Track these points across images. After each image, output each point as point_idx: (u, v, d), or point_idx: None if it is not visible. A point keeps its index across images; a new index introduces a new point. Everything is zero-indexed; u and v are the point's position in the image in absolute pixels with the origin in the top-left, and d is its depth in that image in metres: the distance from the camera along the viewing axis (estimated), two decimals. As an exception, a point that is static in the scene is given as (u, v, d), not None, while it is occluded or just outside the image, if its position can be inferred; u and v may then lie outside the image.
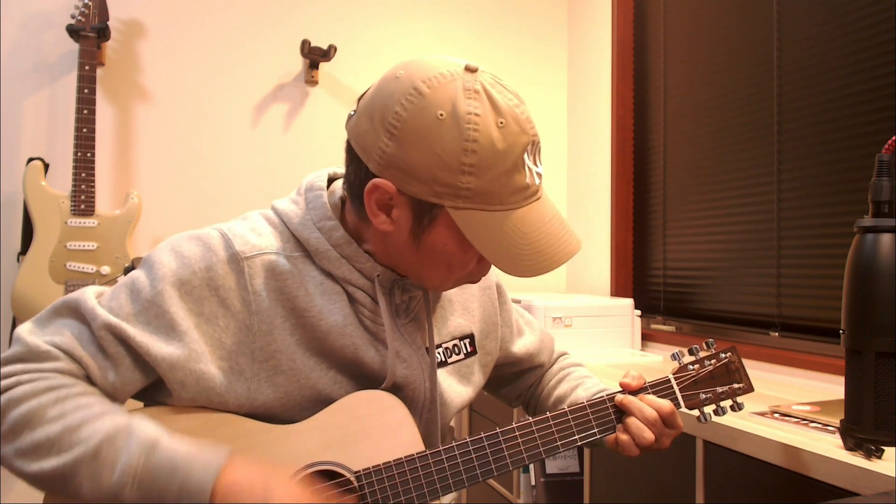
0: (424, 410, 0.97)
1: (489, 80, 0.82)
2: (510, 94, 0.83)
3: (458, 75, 0.81)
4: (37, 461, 0.75)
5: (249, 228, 0.90)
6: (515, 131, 0.81)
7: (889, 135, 1.57)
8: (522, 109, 0.83)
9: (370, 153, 0.82)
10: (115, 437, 0.76)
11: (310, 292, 0.88)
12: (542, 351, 1.17)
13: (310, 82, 2.63)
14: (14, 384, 0.78)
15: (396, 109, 0.80)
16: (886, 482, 0.96)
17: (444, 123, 0.79)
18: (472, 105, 0.79)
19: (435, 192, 0.80)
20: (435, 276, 0.89)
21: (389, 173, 0.81)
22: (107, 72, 2.40)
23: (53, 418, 0.76)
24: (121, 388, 0.83)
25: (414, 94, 0.80)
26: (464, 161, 0.79)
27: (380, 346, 0.91)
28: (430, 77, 0.81)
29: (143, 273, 0.86)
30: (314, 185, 0.93)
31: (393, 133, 0.80)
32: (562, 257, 0.84)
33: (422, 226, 0.84)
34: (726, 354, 1.04)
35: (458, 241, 0.84)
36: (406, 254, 0.87)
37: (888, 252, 0.99)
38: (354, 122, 0.86)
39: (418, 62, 0.84)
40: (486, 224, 0.81)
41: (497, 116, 0.80)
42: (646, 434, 0.94)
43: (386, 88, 0.83)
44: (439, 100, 0.79)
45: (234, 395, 0.85)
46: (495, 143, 0.79)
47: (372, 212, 0.84)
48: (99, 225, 2.20)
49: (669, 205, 2.39)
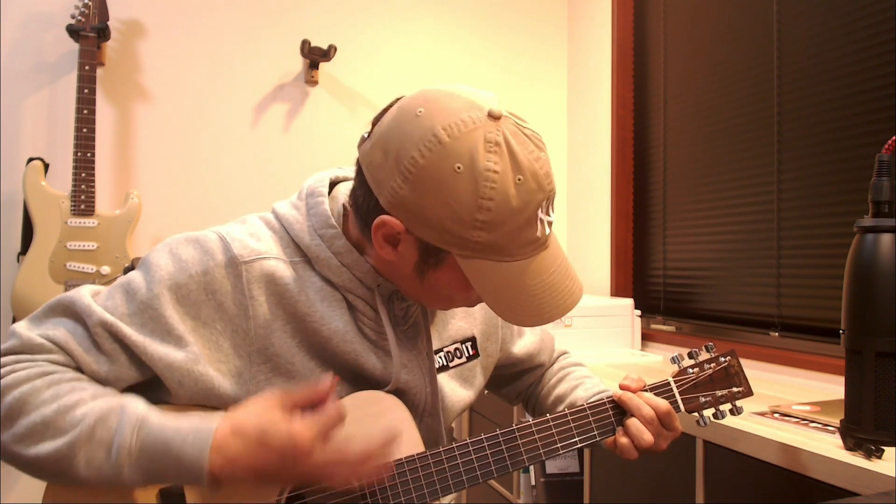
0: (426, 415, 0.97)
1: (511, 129, 0.79)
2: (531, 146, 0.80)
3: (481, 124, 0.78)
4: (34, 445, 0.75)
5: (248, 232, 0.89)
6: (532, 189, 0.79)
7: (889, 135, 1.57)
8: (542, 163, 0.80)
9: (382, 189, 0.81)
10: (108, 417, 0.76)
11: (311, 298, 0.87)
12: (542, 351, 1.17)
13: (310, 82, 2.63)
14: (7, 373, 0.79)
15: (413, 154, 0.78)
16: (886, 482, 0.96)
17: (460, 177, 0.77)
18: (491, 160, 0.77)
19: (444, 239, 0.80)
20: (434, 304, 0.91)
21: (399, 213, 0.80)
22: (107, 72, 2.40)
23: (47, 400, 0.77)
24: (114, 382, 0.83)
25: (433, 142, 0.77)
26: (477, 217, 0.78)
27: (380, 353, 0.91)
28: (450, 124, 0.77)
29: (140, 275, 0.86)
30: (315, 191, 0.92)
31: (407, 177, 0.78)
32: (562, 310, 0.85)
33: (427, 265, 0.84)
34: (726, 358, 1.04)
35: (462, 283, 0.84)
36: (408, 282, 0.88)
37: (888, 252, 0.98)
38: (368, 150, 0.83)
39: (440, 101, 0.80)
40: (492, 273, 0.81)
41: (516, 174, 0.78)
42: (645, 436, 0.94)
43: (404, 126, 0.79)
44: (458, 151, 0.77)
45: (232, 396, 0.85)
46: (511, 200, 0.78)
47: (378, 244, 0.83)
48: (99, 225, 2.20)
49: (669, 205, 2.39)
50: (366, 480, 0.81)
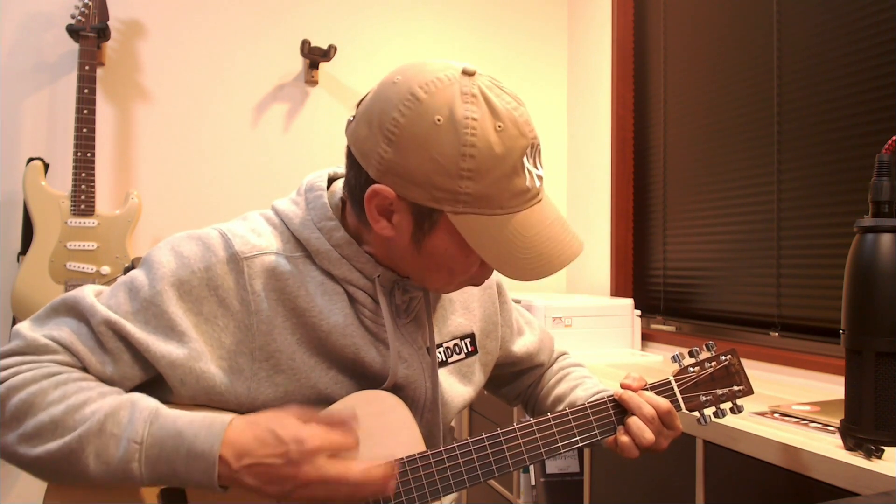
0: (426, 410, 0.97)
1: (487, 83, 0.82)
2: (508, 97, 0.82)
3: (455, 80, 0.81)
4: (41, 444, 0.76)
5: (249, 229, 0.90)
6: (514, 135, 0.80)
7: (889, 135, 1.57)
8: (521, 112, 0.82)
9: (369, 159, 0.82)
10: (119, 412, 0.77)
11: (310, 292, 0.88)
12: (541, 350, 1.18)
13: (310, 82, 2.63)
14: (13, 374, 0.79)
15: (394, 115, 0.80)
16: (886, 482, 0.96)
17: (441, 129, 0.79)
18: (469, 109, 0.79)
19: (434, 197, 0.80)
20: (437, 280, 0.89)
21: (388, 179, 0.81)
22: (107, 72, 2.41)
23: (55, 401, 0.77)
24: (119, 382, 0.83)
25: (411, 100, 0.80)
26: (462, 166, 0.79)
27: (380, 347, 0.91)
28: (427, 82, 0.80)
29: (143, 272, 0.86)
30: (314, 186, 0.93)
31: (391, 139, 0.80)
32: (563, 260, 0.84)
33: (422, 231, 0.84)
34: (726, 357, 1.04)
35: (460, 245, 0.84)
36: (408, 258, 0.87)
37: (888, 252, 0.99)
38: (354, 128, 0.86)
39: (416, 66, 0.83)
40: (487, 228, 0.81)
41: (495, 120, 0.80)
42: (646, 434, 0.94)
43: (384, 94, 0.82)
44: (436, 105, 0.79)
45: (234, 393, 0.85)
46: (493, 147, 0.79)
47: (372, 217, 0.84)
48: (99, 225, 2.20)
49: (669, 205, 2.39)
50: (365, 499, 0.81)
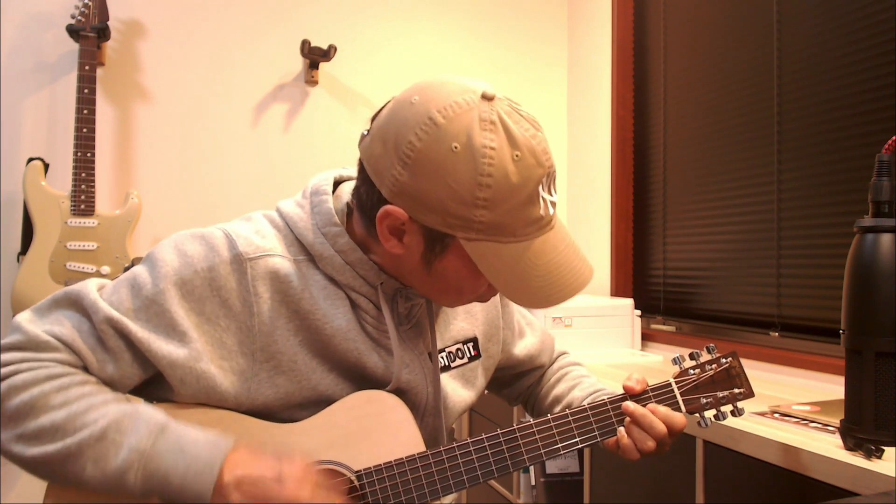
0: (427, 415, 0.97)
1: (506, 108, 0.80)
2: (527, 124, 0.81)
3: (474, 105, 0.79)
4: (39, 445, 0.75)
5: (254, 230, 0.90)
6: (531, 164, 0.79)
7: (889, 135, 1.57)
8: (539, 140, 0.81)
9: (383, 179, 0.81)
10: (122, 420, 0.77)
11: (314, 295, 0.88)
12: (542, 352, 1.18)
13: (310, 82, 2.63)
14: (13, 372, 0.78)
15: (410, 139, 0.78)
16: (886, 482, 0.96)
17: (458, 156, 0.77)
18: (487, 138, 0.77)
19: (447, 223, 0.80)
20: (445, 298, 0.90)
21: (401, 201, 0.80)
22: (107, 72, 2.40)
23: (57, 405, 0.77)
24: (119, 382, 0.83)
25: (429, 125, 0.78)
26: (477, 195, 0.78)
27: (382, 352, 0.91)
28: (445, 106, 0.78)
29: (146, 270, 0.86)
30: (320, 189, 0.92)
31: (406, 162, 0.79)
32: (574, 289, 0.84)
33: (433, 253, 0.83)
34: (727, 359, 1.04)
35: (470, 269, 0.83)
36: (416, 276, 0.87)
37: (888, 252, 0.99)
38: (368, 144, 0.84)
39: (434, 87, 0.81)
40: (498, 255, 0.81)
41: (512, 150, 0.78)
42: (648, 442, 0.94)
43: (400, 114, 0.80)
44: (454, 131, 0.77)
45: (234, 394, 0.85)
46: (510, 177, 0.78)
47: (383, 236, 0.84)
48: (99, 225, 2.20)
49: (669, 205, 2.39)
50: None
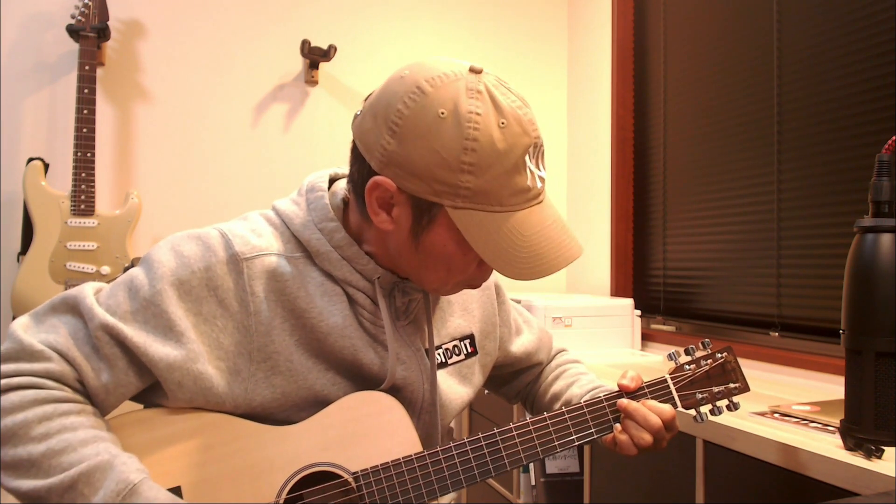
0: (423, 412, 0.96)
1: (493, 81, 0.82)
2: (514, 97, 0.83)
3: (462, 75, 0.81)
4: (15, 479, 0.75)
5: (250, 229, 0.90)
6: (517, 132, 0.80)
7: (889, 135, 1.57)
8: (525, 112, 0.82)
9: (372, 151, 0.83)
10: (93, 473, 0.75)
11: (310, 293, 0.87)
12: (540, 349, 1.17)
13: (310, 82, 2.63)
14: (3, 388, 0.78)
15: (399, 107, 0.80)
16: (886, 482, 0.96)
17: (444, 122, 0.79)
18: (473, 104, 0.79)
19: (434, 190, 0.80)
20: (434, 279, 0.89)
21: (390, 171, 0.81)
22: (107, 72, 2.41)
23: (37, 437, 0.76)
24: (114, 391, 0.82)
25: (416, 93, 0.80)
26: (463, 160, 0.79)
27: (379, 348, 0.91)
28: (433, 76, 0.81)
29: (143, 271, 0.86)
30: (315, 186, 0.93)
31: (394, 130, 0.80)
32: (561, 262, 0.84)
33: (421, 225, 0.84)
34: (722, 354, 1.04)
35: (458, 242, 0.83)
36: (406, 254, 0.87)
37: (888, 252, 0.98)
38: (359, 121, 0.86)
39: (424, 63, 0.84)
40: (485, 225, 0.81)
41: (499, 117, 0.80)
42: (644, 436, 0.94)
43: (390, 88, 0.83)
44: (441, 98, 0.79)
45: (231, 395, 0.85)
46: (496, 142, 0.79)
47: (373, 210, 0.84)
48: (99, 225, 2.20)
49: (669, 205, 2.39)
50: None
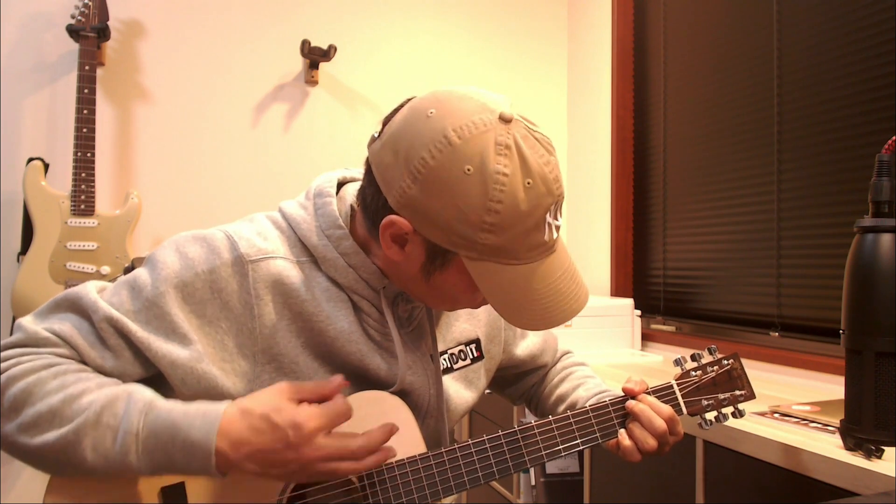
0: (429, 417, 0.97)
1: (522, 133, 0.79)
2: (542, 150, 0.80)
3: (491, 126, 0.78)
4: (40, 434, 0.76)
5: (256, 231, 0.89)
6: (542, 192, 0.79)
7: (889, 135, 1.58)
8: (552, 167, 0.80)
9: (391, 188, 0.81)
10: (115, 403, 0.77)
11: (317, 298, 0.87)
12: (545, 351, 1.17)
13: (310, 82, 2.63)
14: (13, 364, 0.79)
15: (423, 155, 0.78)
16: (886, 482, 0.96)
17: (470, 179, 0.77)
18: (501, 163, 0.77)
19: (451, 241, 0.80)
20: (439, 305, 0.90)
21: (408, 213, 0.80)
22: (107, 72, 2.40)
23: (53, 390, 0.77)
24: (119, 377, 0.83)
25: (443, 143, 0.77)
26: (485, 220, 0.77)
27: (385, 355, 0.91)
28: (461, 125, 0.77)
29: (146, 272, 0.86)
30: (324, 191, 0.92)
31: (417, 178, 0.78)
32: (568, 314, 0.85)
33: (434, 265, 0.83)
34: (729, 361, 1.04)
35: (468, 284, 0.83)
36: (414, 283, 0.87)
37: (888, 252, 0.99)
38: (378, 150, 0.83)
39: (452, 102, 0.80)
40: (498, 276, 0.81)
41: (525, 177, 0.78)
42: (649, 440, 0.94)
43: (415, 126, 0.79)
44: (469, 153, 0.76)
45: (235, 396, 0.85)
46: (520, 204, 0.77)
47: (385, 243, 0.83)
48: (99, 225, 2.20)
49: (669, 205, 2.39)
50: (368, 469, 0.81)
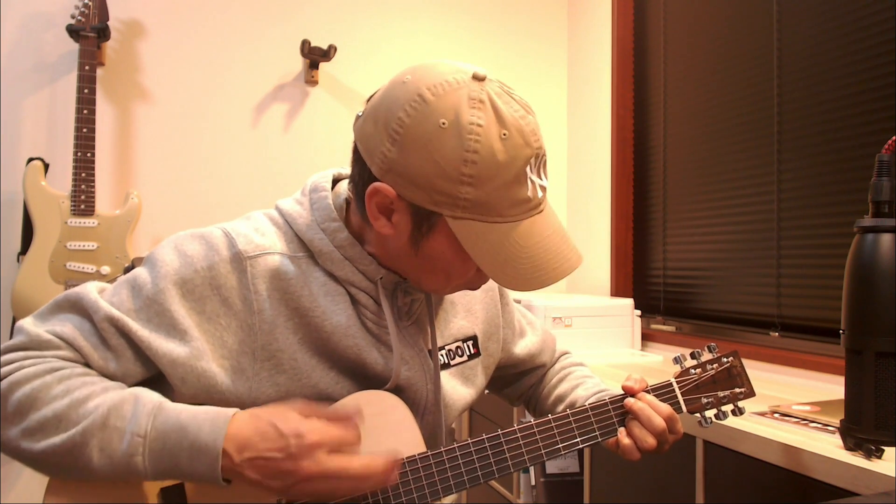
0: (427, 413, 0.97)
1: (496, 89, 0.81)
2: (517, 105, 0.81)
3: (464, 83, 0.80)
4: (45, 438, 0.76)
5: (253, 228, 0.90)
6: (518, 143, 0.80)
7: (889, 135, 1.58)
8: (528, 121, 0.81)
9: (373, 156, 0.82)
10: (122, 406, 0.77)
11: (313, 293, 0.88)
12: (543, 351, 1.18)
13: (310, 82, 2.63)
14: (16, 368, 0.79)
15: (400, 115, 0.80)
16: (886, 482, 0.96)
17: (445, 132, 0.78)
18: (475, 115, 0.78)
19: (434, 200, 0.80)
20: (433, 282, 0.89)
21: (390, 178, 0.81)
22: (107, 72, 2.40)
23: (58, 395, 0.77)
24: (121, 378, 0.83)
25: (418, 101, 0.79)
26: (463, 171, 0.78)
27: (382, 349, 0.91)
28: (435, 84, 0.80)
29: (146, 270, 0.86)
30: (318, 186, 0.93)
31: (395, 139, 0.80)
32: (560, 273, 0.84)
33: (420, 232, 0.84)
34: (728, 359, 1.04)
35: (456, 250, 0.83)
36: (405, 258, 0.87)
37: (888, 252, 0.99)
38: (361, 124, 0.86)
39: (426, 67, 0.83)
40: (484, 235, 0.81)
41: (500, 128, 0.79)
42: (648, 439, 0.94)
43: (392, 93, 0.82)
44: (442, 108, 0.79)
45: (235, 393, 0.85)
46: (496, 154, 0.78)
47: (372, 215, 0.84)
48: (99, 225, 2.20)
49: (669, 205, 2.39)
50: (367, 492, 0.81)
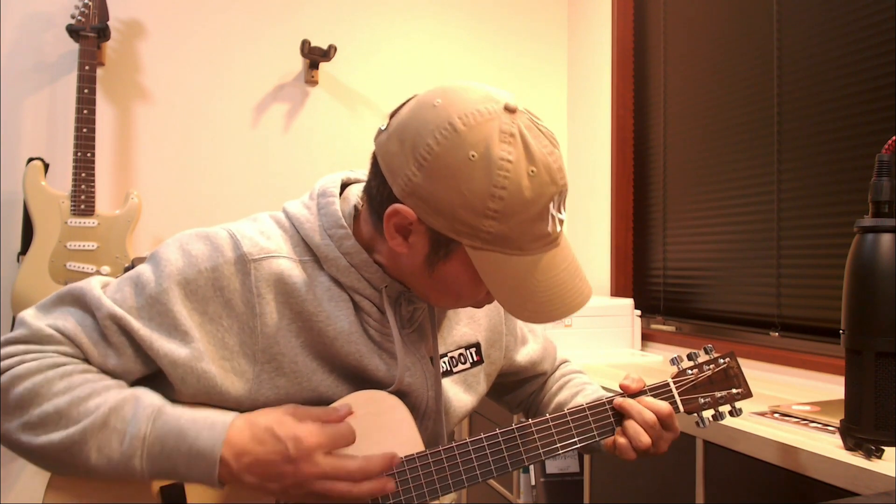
0: (427, 419, 0.97)
1: (526, 122, 0.80)
2: (545, 140, 0.81)
3: (496, 115, 0.79)
4: (45, 434, 0.77)
5: (259, 230, 0.90)
6: (545, 181, 0.79)
7: (889, 135, 1.57)
8: (556, 157, 0.81)
9: (396, 177, 0.81)
10: (123, 407, 0.78)
11: (317, 297, 0.87)
12: (545, 359, 1.17)
13: (310, 82, 2.63)
14: (17, 363, 0.79)
15: (429, 141, 0.78)
16: (886, 482, 0.96)
17: (474, 165, 0.77)
18: (505, 150, 0.77)
19: (455, 229, 0.80)
20: (443, 300, 0.90)
21: (412, 202, 0.80)
22: (107, 72, 2.41)
23: (60, 391, 0.78)
24: (121, 375, 0.83)
25: (448, 130, 0.78)
26: (489, 206, 0.78)
27: (384, 355, 0.91)
28: (467, 113, 0.78)
29: (150, 268, 0.86)
30: (327, 191, 0.92)
31: (422, 164, 0.79)
32: (570, 308, 0.85)
33: (437, 256, 0.83)
34: (725, 360, 1.04)
35: (471, 276, 0.83)
36: (418, 276, 0.87)
37: (888, 252, 0.98)
38: (385, 141, 0.84)
39: (457, 91, 0.81)
40: (502, 267, 0.81)
41: (529, 165, 0.78)
42: (643, 437, 0.94)
43: (421, 115, 0.80)
44: (473, 140, 0.77)
45: (234, 394, 0.85)
46: (524, 191, 0.78)
47: (389, 234, 0.84)
48: (99, 225, 2.20)
49: (669, 205, 2.39)
50: (364, 497, 0.82)
